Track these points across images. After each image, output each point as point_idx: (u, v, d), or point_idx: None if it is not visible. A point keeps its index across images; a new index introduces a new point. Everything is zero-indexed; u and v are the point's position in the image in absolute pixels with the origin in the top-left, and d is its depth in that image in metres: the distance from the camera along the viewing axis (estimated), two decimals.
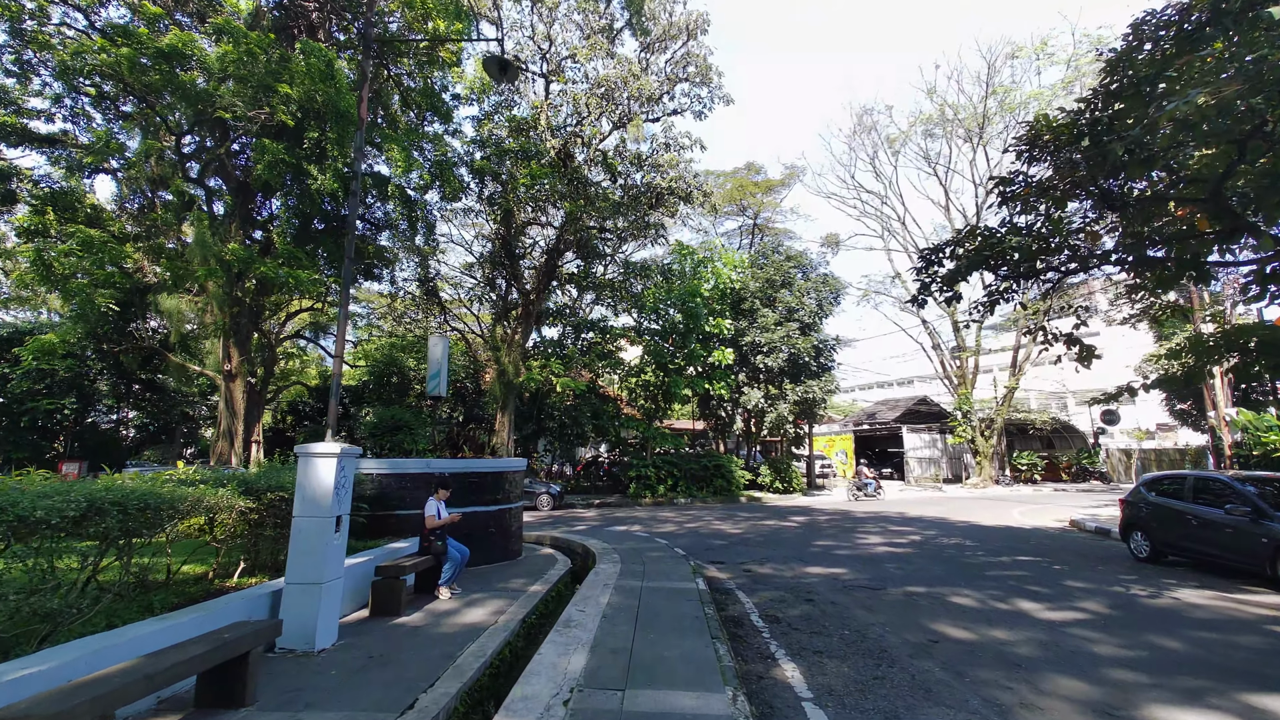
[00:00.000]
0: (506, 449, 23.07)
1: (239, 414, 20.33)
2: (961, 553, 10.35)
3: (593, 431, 25.81)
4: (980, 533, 12.89)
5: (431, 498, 6.58)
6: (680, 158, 21.62)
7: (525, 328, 23.01)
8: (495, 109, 24.44)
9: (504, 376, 21.07)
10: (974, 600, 6.99)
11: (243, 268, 18.53)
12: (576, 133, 22.85)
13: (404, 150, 19.76)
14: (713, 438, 29.43)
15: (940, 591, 7.43)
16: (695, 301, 21.09)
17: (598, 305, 27.53)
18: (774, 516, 16.55)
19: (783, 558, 10.10)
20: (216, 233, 19.06)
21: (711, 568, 9.46)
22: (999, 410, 28.13)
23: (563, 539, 11.02)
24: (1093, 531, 12.77)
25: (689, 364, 22.88)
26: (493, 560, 8.57)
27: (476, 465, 8.55)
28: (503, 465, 8.96)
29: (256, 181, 19.11)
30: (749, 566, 9.41)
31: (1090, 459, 31.90)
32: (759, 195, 32.94)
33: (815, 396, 23.08)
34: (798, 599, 7.13)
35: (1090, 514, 15.20)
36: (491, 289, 24.37)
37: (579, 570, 9.51)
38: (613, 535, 11.60)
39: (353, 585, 5.72)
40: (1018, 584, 7.82)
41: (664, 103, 22.85)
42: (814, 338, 23.87)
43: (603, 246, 24.14)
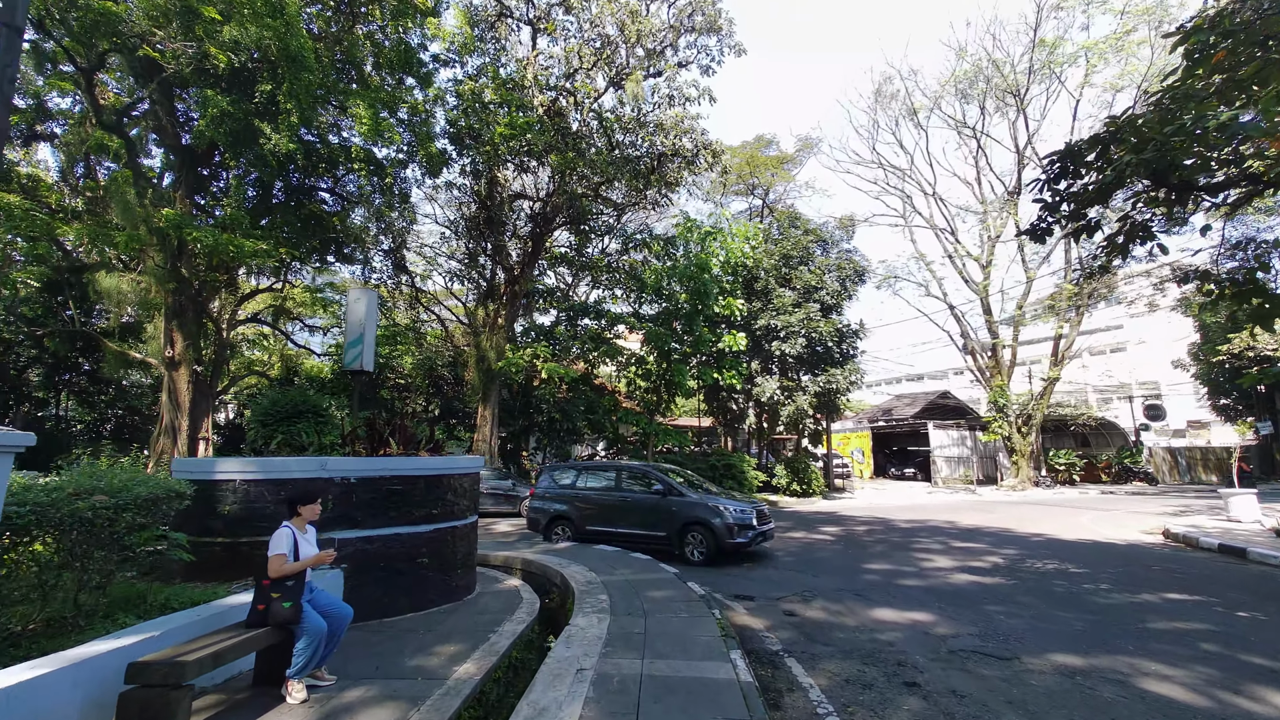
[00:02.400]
0: (489, 447, 20.36)
1: (183, 407, 17.64)
2: (1076, 585, 7.63)
3: (587, 427, 23.12)
4: (1070, 551, 10.18)
5: (285, 523, 3.88)
6: (686, 113, 18.86)
7: (510, 309, 20.30)
8: (479, 71, 21.63)
9: (484, 363, 18.39)
10: (1183, 687, 4.29)
11: (178, 235, 15.84)
12: (567, 88, 20.12)
13: (371, 108, 16.95)
14: (721, 435, 26.72)
15: (1109, 666, 4.72)
16: (703, 278, 18.35)
17: (594, 288, 24.82)
18: (800, 525, 13.85)
19: (833, 590, 7.40)
20: (158, 200, 16.47)
21: (738, 606, 6.78)
22: (1038, 404, 25.39)
23: (539, 564, 8.32)
24: (1215, 550, 10.05)
25: (695, 351, 20.15)
26: (423, 605, 5.86)
27: (400, 466, 5.85)
28: (442, 466, 6.25)
29: (199, 140, 16.35)
30: (790, 606, 6.72)
31: (1133, 458, 29.14)
32: (769, 173, 30.17)
33: (838, 387, 20.35)
34: (891, 682, 4.43)
35: (1187, 524, 12.49)
36: (473, 267, 21.68)
37: (555, 611, 6.80)
38: (604, 557, 8.90)
39: (81, 698, 2.97)
40: (1215, 647, 5.12)
41: (667, 55, 20.11)
42: (836, 321, 21.16)
43: (596, 217, 21.44)
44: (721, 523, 8.95)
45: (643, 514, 9.80)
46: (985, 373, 27.16)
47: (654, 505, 9.72)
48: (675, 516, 9.41)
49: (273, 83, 15.55)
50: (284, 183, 19.17)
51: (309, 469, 5.40)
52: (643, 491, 10.02)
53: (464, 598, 6.38)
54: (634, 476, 10.36)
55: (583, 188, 19.19)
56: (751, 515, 9.24)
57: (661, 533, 9.51)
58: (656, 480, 10.03)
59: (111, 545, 3.63)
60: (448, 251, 23.93)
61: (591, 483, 10.71)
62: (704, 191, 26.19)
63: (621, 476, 10.41)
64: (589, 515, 10.32)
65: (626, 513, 9.98)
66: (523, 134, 16.03)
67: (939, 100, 25.07)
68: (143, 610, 4.01)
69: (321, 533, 5.31)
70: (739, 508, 9.28)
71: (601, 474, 10.86)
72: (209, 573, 5.23)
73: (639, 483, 10.22)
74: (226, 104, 14.69)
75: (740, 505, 9.41)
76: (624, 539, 9.88)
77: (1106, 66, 21.83)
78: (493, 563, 8.81)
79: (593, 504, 10.39)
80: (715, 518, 9.05)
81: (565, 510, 10.57)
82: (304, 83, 15.12)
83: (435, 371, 22.38)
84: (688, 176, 20.80)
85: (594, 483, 10.70)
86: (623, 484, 10.32)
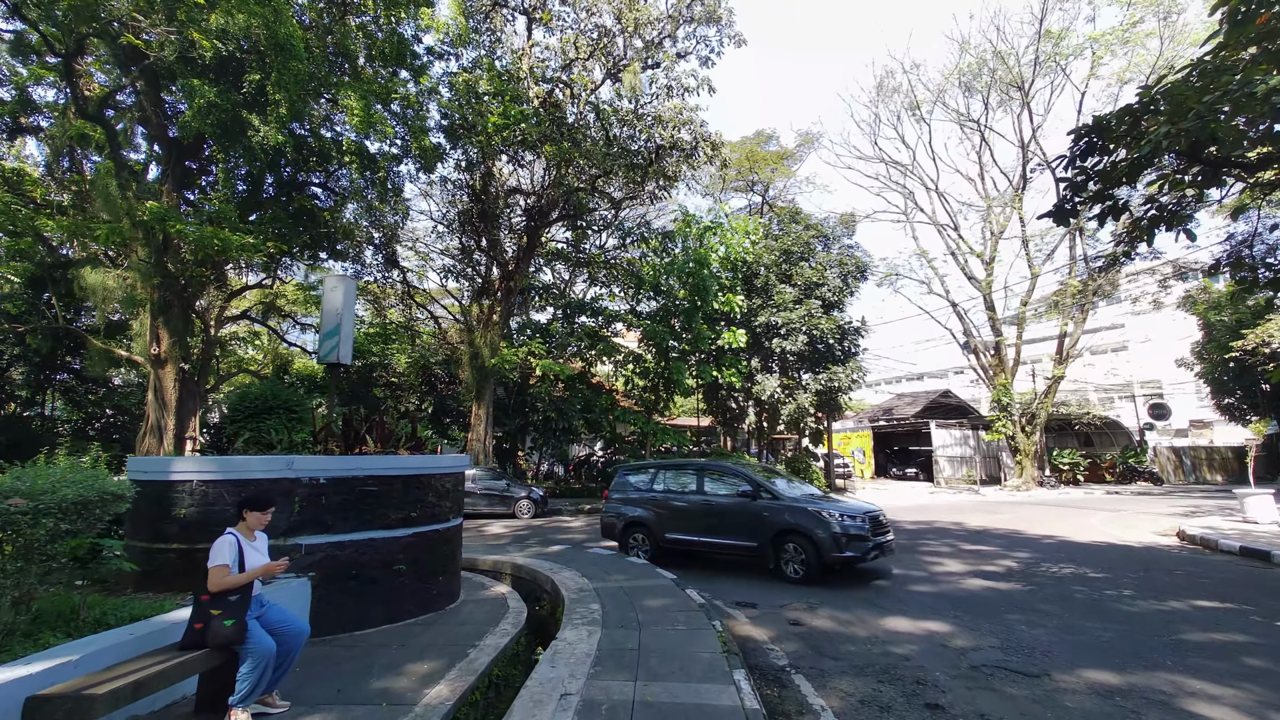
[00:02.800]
0: (483, 446, 19.91)
1: (169, 406, 17.20)
2: (1097, 591, 7.21)
3: (584, 427, 22.67)
4: (1085, 554, 9.76)
5: (230, 529, 3.44)
6: (685, 104, 18.41)
7: (505, 305, 19.85)
8: (474, 64, 21.14)
9: (477, 360, 17.95)
10: (1235, 710, 3.86)
11: (161, 228, 15.42)
12: (563, 80, 19.67)
13: (363, 100, 16.49)
14: (720, 434, 26.32)
15: (1149, 684, 4.29)
16: (702, 273, 17.92)
17: (591, 285, 24.39)
18: None
19: (840, 597, 6.98)
20: (144, 194, 16.06)
21: (740, 615, 6.36)
22: (1043, 403, 24.98)
23: (529, 568, 7.88)
24: (1236, 553, 9.64)
25: (694, 348, 19.72)
26: (399, 616, 5.42)
27: (376, 465, 5.41)
28: (422, 465, 5.81)
29: (186, 131, 15.93)
30: (796, 614, 6.30)
31: (1137, 457, 28.75)
32: (769, 168, 29.73)
33: (840, 385, 19.92)
34: (911, 704, 3.99)
35: (1202, 525, 12.08)
36: (468, 263, 21.23)
37: (544, 620, 6.38)
38: (598, 561, 8.47)
39: None
40: (1261, 662, 4.69)
41: (665, 46, 19.66)
42: (838, 318, 20.74)
43: (593, 213, 20.97)
44: (825, 532, 7.41)
45: (728, 520, 8.28)
46: (988, 371, 26.75)
47: (741, 510, 8.18)
48: (766, 523, 7.89)
49: (261, 72, 15.14)
50: (275, 177, 18.75)
51: (273, 468, 4.96)
52: (727, 493, 8.50)
53: (445, 607, 5.94)
54: (716, 475, 8.89)
55: (579, 181, 18.74)
56: (864, 522, 7.57)
57: (750, 543, 7.99)
58: (742, 479, 8.52)
59: (30, 555, 3.19)
60: (442, 248, 23.52)
61: (669, 484, 9.28)
62: (703, 186, 25.80)
63: (703, 475, 8.95)
64: (668, 521, 8.88)
65: (710, 519, 8.47)
66: (517, 123, 15.60)
67: (942, 93, 24.68)
68: (74, 627, 3.58)
69: (288, 538, 4.89)
70: (847, 512, 7.70)
71: (680, 473, 9.40)
72: (163, 582, 4.80)
73: (722, 482, 8.73)
74: (213, 94, 14.28)
75: (849, 509, 7.87)
76: (709, 550, 8.53)
77: (1113, 59, 21.46)
78: (480, 568, 8.38)
79: (672, 509, 8.91)
80: (816, 525, 7.52)
81: (642, 516, 9.13)
82: (293, 72, 14.68)
83: (429, 369, 21.92)
84: (686, 170, 20.36)
85: (672, 483, 9.27)
86: (705, 484, 8.85)
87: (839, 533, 7.40)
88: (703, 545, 8.54)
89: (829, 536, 7.41)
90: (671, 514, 8.90)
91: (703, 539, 8.52)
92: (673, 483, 9.28)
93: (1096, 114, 5.35)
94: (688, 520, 8.71)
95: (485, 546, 10.37)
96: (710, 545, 8.47)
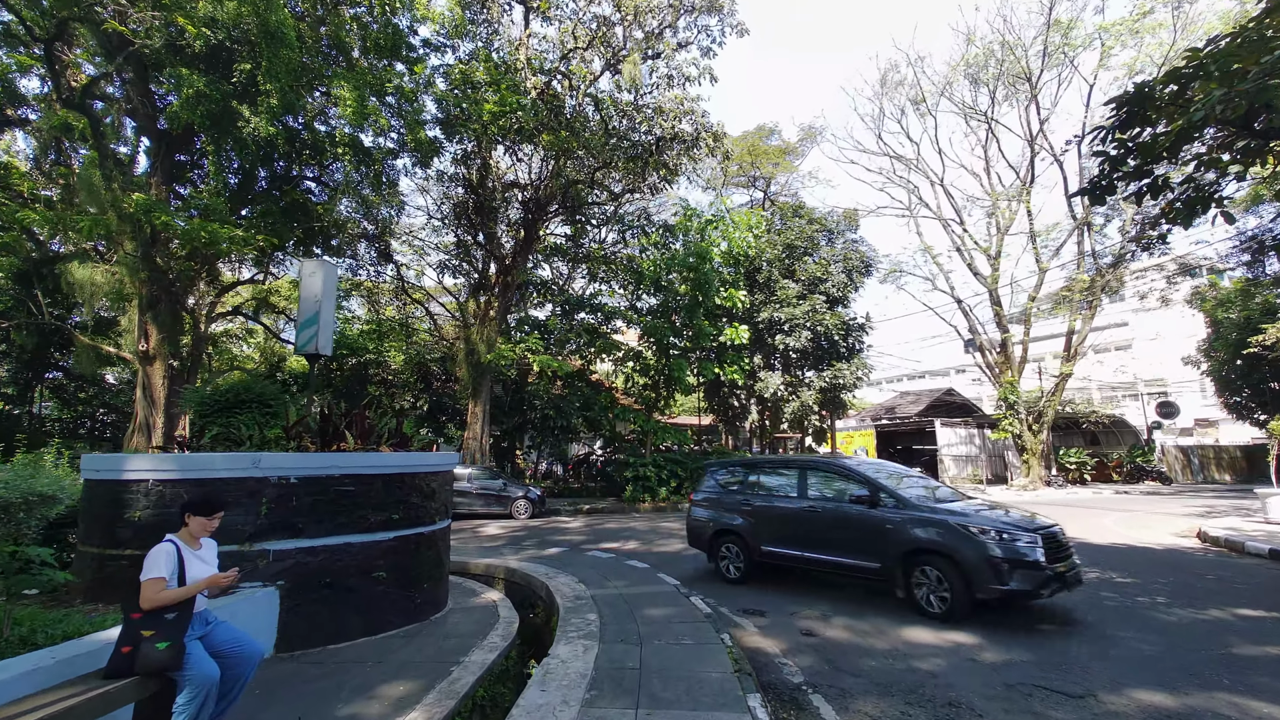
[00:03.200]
0: (480, 445, 19.47)
1: (158, 403, 16.80)
2: (1128, 597, 6.78)
3: (583, 425, 22.25)
4: (1106, 556, 9.33)
5: (170, 536, 2.99)
6: (686, 94, 17.96)
7: (502, 301, 19.41)
8: (470, 56, 20.67)
9: (473, 356, 17.51)
10: None
11: (147, 221, 15.02)
12: (562, 71, 19.21)
13: (356, 90, 16.04)
14: (722, 433, 25.88)
15: (1209, 707, 3.85)
16: (704, 268, 17.46)
17: (590, 282, 23.94)
18: None
19: (854, 603, 6.54)
20: (131, 186, 15.67)
21: (748, 624, 5.92)
22: (1050, 401, 24.55)
23: (522, 573, 7.44)
24: (1266, 555, 9.20)
25: (695, 345, 19.27)
26: (379, 628, 4.98)
27: (354, 463, 4.96)
28: (405, 463, 5.37)
29: (174, 122, 15.54)
30: (808, 623, 5.86)
31: (1145, 457, 28.29)
32: (771, 163, 29.29)
33: (845, 382, 19.47)
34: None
35: (1224, 527, 11.64)
36: (464, 258, 20.79)
37: (538, 629, 5.94)
38: (597, 565, 8.04)
39: None
40: None
41: (665, 36, 19.21)
42: (842, 314, 20.30)
43: (592, 207, 20.51)
44: (977, 555, 5.48)
45: (840, 532, 6.66)
46: (994, 369, 26.31)
47: (856, 520, 6.50)
48: (890, 537, 6.12)
49: (252, 62, 14.76)
50: (268, 171, 18.37)
51: (238, 467, 4.52)
52: (837, 499, 6.90)
53: (430, 616, 5.49)
54: (823, 475, 7.30)
55: (578, 174, 18.30)
56: (1035, 542, 5.50)
57: (870, 562, 6.29)
58: (855, 479, 6.85)
59: None
60: (438, 243, 23.08)
61: (766, 485, 7.79)
62: (704, 180, 25.35)
63: (806, 475, 7.38)
64: (765, 531, 7.38)
65: (817, 530, 6.90)
66: (513, 111, 15.15)
67: (949, 85, 24.20)
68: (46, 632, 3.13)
69: (254, 543, 4.45)
70: (1010, 526, 5.67)
71: (779, 473, 7.82)
72: (116, 592, 4.35)
73: (829, 484, 7.18)
74: (202, 84, 13.88)
75: (1012, 522, 5.86)
76: (816, 568, 6.96)
77: (1123, 49, 21.02)
78: (472, 571, 7.94)
79: (770, 515, 7.40)
80: (963, 544, 5.59)
81: (735, 524, 7.66)
82: (284, 61, 14.25)
83: (425, 367, 21.48)
84: (687, 163, 19.91)
85: (769, 485, 7.76)
86: (808, 486, 7.29)
87: (999, 557, 5.39)
88: (808, 562, 6.93)
89: (983, 561, 5.44)
90: (769, 522, 7.39)
91: (808, 554, 6.90)
92: (770, 484, 7.76)
93: (1137, 81, 4.90)
94: (789, 530, 7.18)
95: (479, 549, 9.94)
96: (818, 563, 6.84)
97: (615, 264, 21.91)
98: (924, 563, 5.92)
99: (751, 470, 8.12)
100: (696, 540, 8.23)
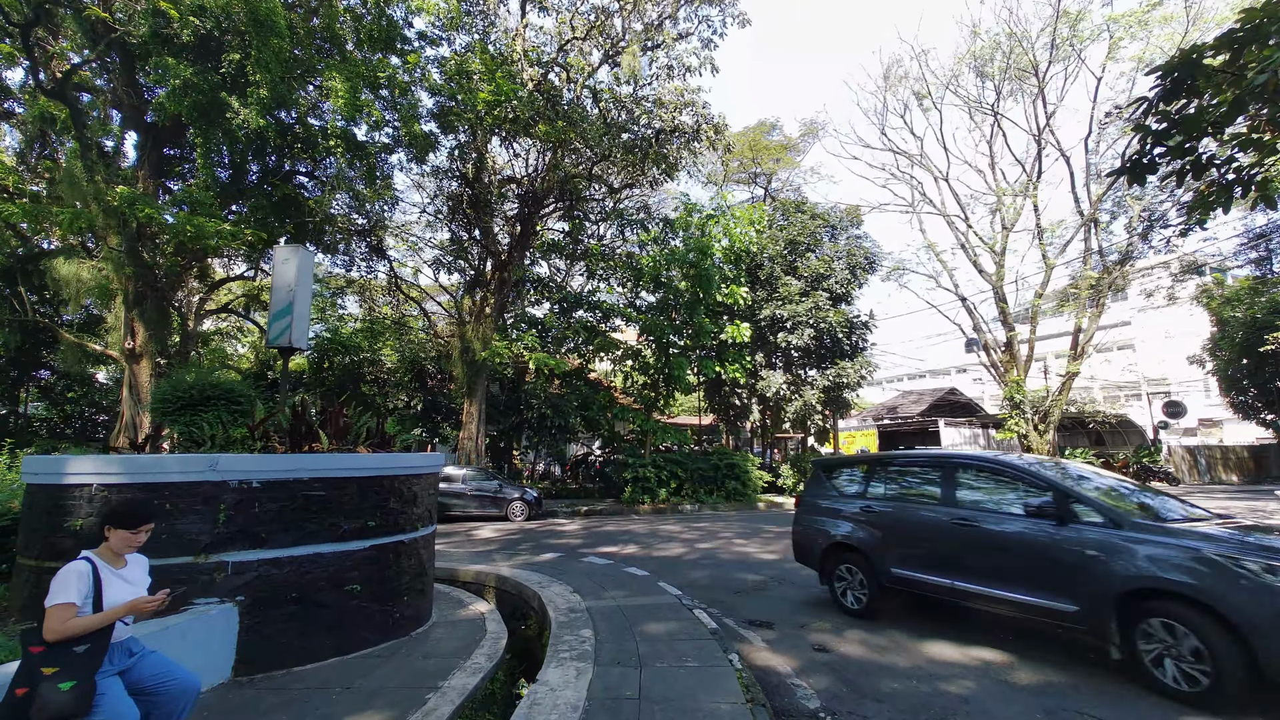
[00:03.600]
0: (475, 445, 19.02)
1: (145, 403, 16.34)
2: None
3: (582, 425, 21.82)
4: None
5: (86, 553, 2.56)
6: (686, 85, 17.52)
7: (499, 297, 18.98)
8: (466, 49, 20.20)
9: (468, 354, 17.07)
10: None
11: (131, 214, 14.61)
12: (559, 62, 18.78)
13: (348, 82, 15.62)
14: (723, 432, 25.45)
15: None
16: (705, 264, 17.03)
17: (589, 279, 23.50)
18: None
19: (864, 616, 6.10)
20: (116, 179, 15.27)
21: (755, 638, 5.48)
22: (1056, 401, 24.15)
23: (514, 581, 7.00)
24: None
25: (695, 343, 18.84)
26: (352, 646, 4.54)
27: (325, 465, 4.52)
28: (383, 465, 4.93)
29: (161, 113, 15.15)
30: (820, 637, 5.43)
31: (1151, 457, 27.89)
32: (772, 159, 28.86)
33: (849, 380, 19.05)
34: None
35: None
36: (460, 254, 20.34)
37: (530, 642, 5.51)
38: (593, 572, 7.60)
39: None
40: None
41: (665, 27, 18.77)
42: (846, 311, 19.88)
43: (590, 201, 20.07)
44: (1266, 606, 3.45)
45: (1013, 557, 4.74)
46: (999, 368, 25.92)
47: (1038, 542, 4.57)
48: (1097, 570, 4.21)
49: (241, 52, 14.37)
50: (260, 164, 17.97)
51: (193, 470, 4.07)
52: (1004, 506, 4.99)
53: (411, 632, 5.05)
54: (982, 477, 5.33)
55: (575, 167, 17.86)
56: None
57: (1064, 603, 4.36)
58: (1031, 483, 4.91)
59: None
60: (431, 238, 22.67)
61: (898, 489, 5.97)
62: (705, 175, 24.89)
63: (955, 474, 5.42)
64: (897, 548, 5.59)
65: (976, 551, 4.98)
66: (509, 99, 14.73)
67: (955, 77, 23.79)
68: None
69: (211, 554, 4.00)
70: None
71: (915, 473, 5.98)
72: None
73: (992, 489, 5.21)
74: (190, 73, 13.46)
75: None
76: (981, 605, 4.98)
77: (1132, 41, 20.62)
78: (461, 579, 7.50)
79: (904, 527, 5.61)
80: (1239, 589, 3.59)
81: (854, 536, 5.97)
82: (273, 49, 13.81)
83: (420, 366, 21.05)
84: (687, 156, 19.48)
85: (903, 490, 5.94)
86: (959, 488, 5.35)
87: None
88: (960, 594, 5.02)
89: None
90: (903, 536, 5.58)
91: (961, 584, 5.00)
92: (903, 486, 5.96)
93: (1183, 47, 4.47)
94: (931, 549, 5.31)
95: (471, 554, 9.51)
96: (976, 596, 4.92)
97: (614, 261, 21.50)
98: (1158, 612, 3.94)
99: (877, 468, 6.32)
100: (804, 554, 6.69)
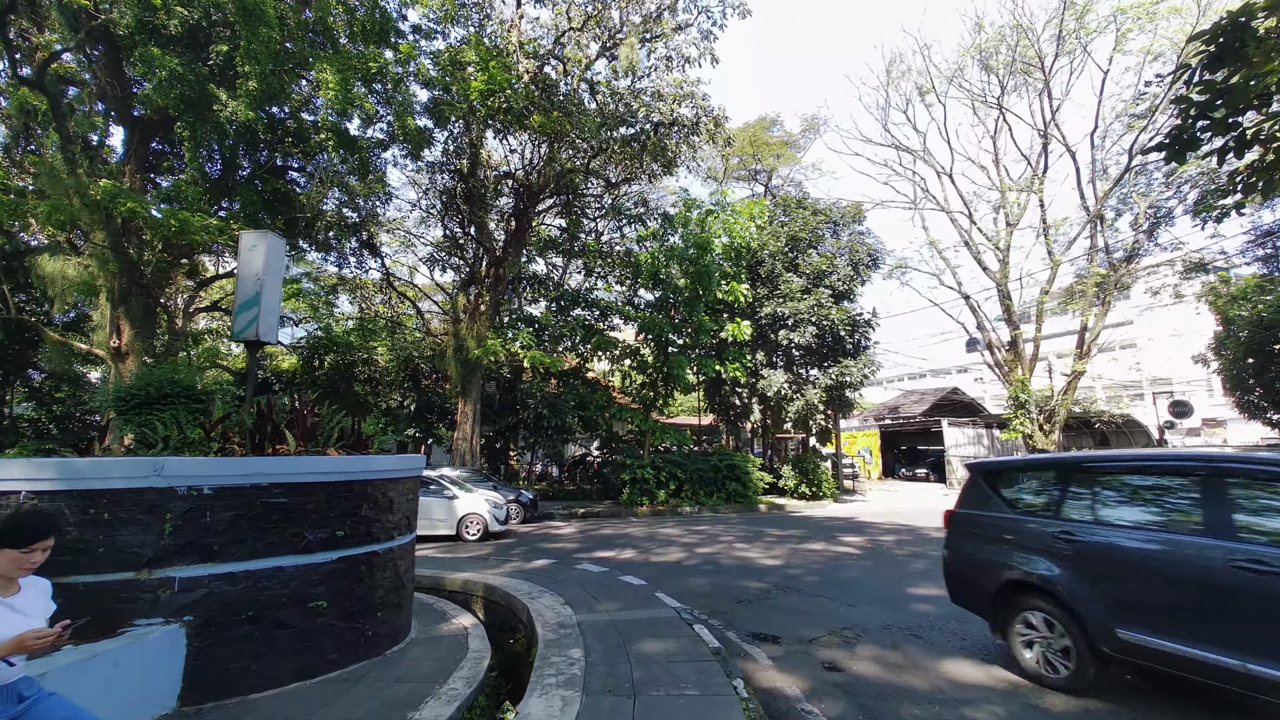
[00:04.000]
0: (470, 446, 18.61)
1: None
2: None
3: (579, 425, 21.40)
4: None
5: None
6: (685, 77, 17.11)
7: (494, 294, 18.57)
8: (462, 43, 19.76)
9: (462, 353, 16.67)
10: None
11: (114, 208, 14.21)
12: (556, 55, 18.38)
13: (340, 74, 15.20)
14: (723, 432, 25.03)
15: None
16: (704, 260, 16.62)
17: (586, 277, 23.10)
18: (817, 535, 12.16)
19: (880, 627, 5.71)
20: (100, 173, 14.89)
21: (760, 654, 5.08)
22: (1062, 400, 23.75)
23: (503, 591, 6.59)
24: None
25: (695, 341, 18.43)
26: (317, 670, 4.13)
27: (287, 469, 4.12)
28: (353, 468, 4.52)
29: (148, 105, 14.77)
30: (830, 654, 5.03)
31: None
32: (773, 155, 28.45)
33: (851, 379, 18.64)
34: None
35: None
36: (454, 251, 19.94)
37: (517, 659, 5.11)
38: (587, 581, 7.20)
39: None
40: None
41: (664, 18, 18.36)
42: (848, 309, 19.47)
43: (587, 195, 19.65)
44: None
45: None
46: (1003, 367, 25.49)
47: None
48: None
49: (230, 44, 13.99)
50: (251, 161, 17.60)
51: (137, 475, 3.66)
52: None
53: (386, 651, 4.64)
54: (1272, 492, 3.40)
55: (572, 161, 17.45)
56: None
57: None
58: None
59: None
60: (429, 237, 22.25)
61: (1118, 509, 4.04)
62: (704, 171, 24.50)
63: (1223, 494, 3.45)
64: (1122, 597, 3.75)
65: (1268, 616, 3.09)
66: (502, 89, 14.33)
67: (959, 70, 23.37)
68: None
69: (155, 569, 3.59)
70: None
71: (1146, 483, 4.04)
72: None
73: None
74: (177, 64, 13.06)
75: None
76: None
77: (1140, 33, 20.22)
78: (447, 588, 7.09)
79: (1130, 567, 3.74)
80: None
81: (1046, 576, 4.15)
82: (263, 40, 13.39)
83: (414, 364, 20.63)
84: (686, 151, 19.07)
85: (1127, 510, 4.00)
86: (1233, 515, 3.38)
87: None
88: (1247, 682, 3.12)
89: None
90: (1133, 581, 3.74)
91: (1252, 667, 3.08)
92: (1125, 505, 4.05)
93: (1230, 9, 4.06)
94: (1189, 605, 3.44)
95: (460, 560, 9.10)
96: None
97: (612, 258, 21.10)
98: None
99: (1078, 474, 4.33)
100: (964, 594, 4.89)
